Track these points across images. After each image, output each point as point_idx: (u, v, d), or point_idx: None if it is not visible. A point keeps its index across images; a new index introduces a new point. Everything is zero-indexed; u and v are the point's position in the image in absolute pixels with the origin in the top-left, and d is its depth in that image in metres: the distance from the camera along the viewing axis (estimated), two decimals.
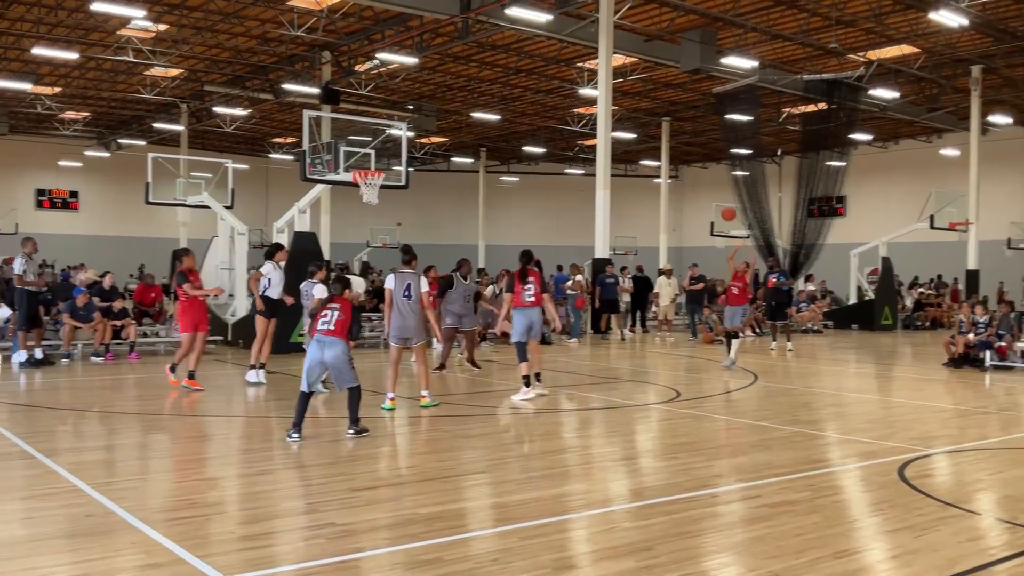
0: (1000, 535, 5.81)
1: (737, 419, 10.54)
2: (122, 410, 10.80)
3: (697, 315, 22.57)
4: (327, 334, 8.52)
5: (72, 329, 15.62)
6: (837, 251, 31.18)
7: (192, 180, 25.82)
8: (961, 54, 26.79)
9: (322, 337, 8.52)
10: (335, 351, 8.49)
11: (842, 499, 6.78)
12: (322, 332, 8.54)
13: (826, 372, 16.18)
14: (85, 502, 6.18)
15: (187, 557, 4.99)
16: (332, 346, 8.50)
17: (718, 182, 39.88)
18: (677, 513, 6.08)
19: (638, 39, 25.18)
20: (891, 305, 27.48)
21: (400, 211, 42.38)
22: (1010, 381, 14.38)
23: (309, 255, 17.43)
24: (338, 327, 8.56)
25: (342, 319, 8.60)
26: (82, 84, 32.43)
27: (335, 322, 8.55)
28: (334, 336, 8.53)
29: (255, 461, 7.88)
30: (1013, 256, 33.63)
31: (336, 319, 8.56)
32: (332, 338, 8.52)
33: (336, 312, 8.60)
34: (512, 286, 11.78)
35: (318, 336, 8.57)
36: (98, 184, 42.69)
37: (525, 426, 10.09)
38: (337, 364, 8.49)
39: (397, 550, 5.23)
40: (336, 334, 8.55)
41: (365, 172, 15.63)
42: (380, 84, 31.16)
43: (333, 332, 8.54)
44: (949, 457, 8.29)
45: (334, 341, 8.52)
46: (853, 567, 5.04)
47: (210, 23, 24.95)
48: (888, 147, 41.01)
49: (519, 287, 11.65)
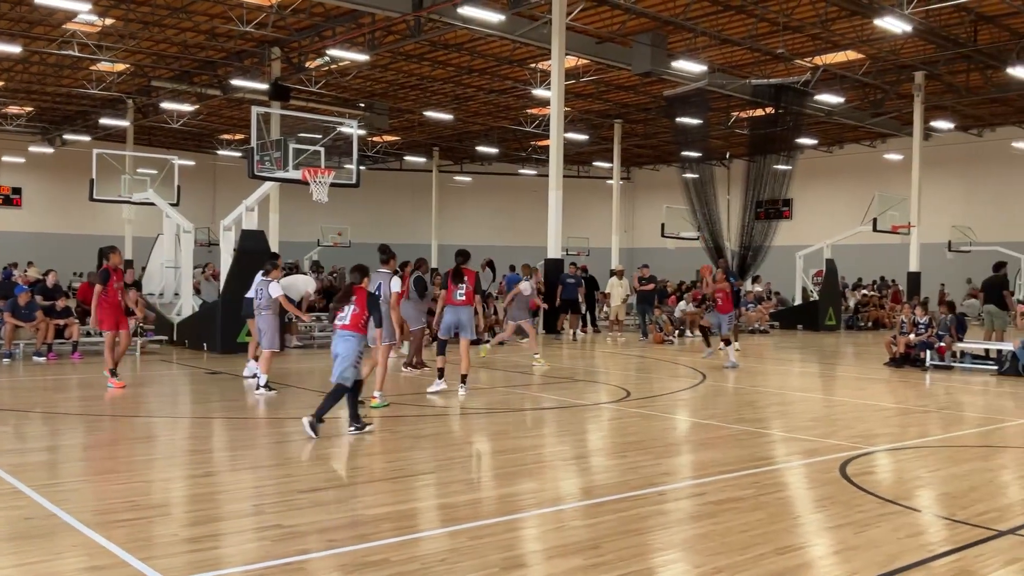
0: (939, 531, 5.96)
1: (685, 418, 10.66)
2: (64, 411, 10.59)
3: (648, 315, 22.76)
4: (343, 328, 8.69)
5: (13, 328, 15.25)
6: (783, 253, 31.69)
7: (138, 177, 25.39)
8: (905, 60, 27.37)
9: (340, 331, 8.70)
10: (348, 345, 8.62)
11: (786, 496, 6.90)
12: (339, 327, 8.73)
13: (771, 372, 16.43)
14: (25, 504, 6.05)
15: (130, 560, 4.92)
16: (346, 340, 8.65)
17: (669, 184, 40.27)
18: (625, 511, 6.13)
19: (590, 41, 25.32)
20: (835, 306, 28.00)
21: (352, 210, 42.12)
22: (949, 380, 14.73)
23: (257, 254, 17.28)
24: (353, 321, 8.72)
25: (357, 313, 8.74)
26: (25, 78, 31.69)
27: (350, 316, 8.73)
28: (349, 330, 8.69)
29: (200, 463, 7.78)
30: (954, 258, 34.47)
31: (351, 313, 8.73)
32: (347, 332, 8.69)
33: (351, 306, 8.76)
34: (446, 284, 11.98)
35: (338, 331, 8.74)
36: (42, 180, 41.77)
37: (475, 426, 10.10)
38: (346, 357, 8.58)
39: (344, 551, 5.20)
40: (352, 328, 8.69)
41: (315, 170, 15.50)
42: (331, 81, 30.92)
43: (348, 326, 8.70)
44: (890, 455, 8.47)
45: (348, 335, 8.67)
46: (796, 563, 5.13)
47: (157, 18, 24.54)
48: (833, 151, 41.78)
49: (451, 286, 11.75)
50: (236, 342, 16.47)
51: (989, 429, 10.12)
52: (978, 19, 23.83)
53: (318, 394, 10.55)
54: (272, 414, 10.37)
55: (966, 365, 16.25)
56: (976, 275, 28.89)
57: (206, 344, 16.84)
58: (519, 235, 45.94)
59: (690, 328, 23.41)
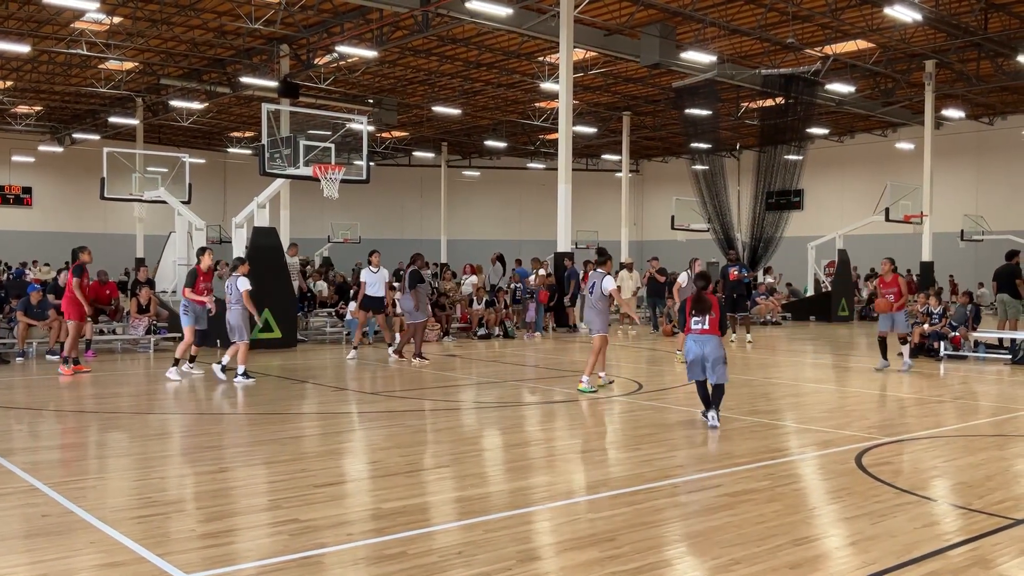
0: (955, 521, 5.94)
1: (698, 410, 10.63)
2: (79, 408, 10.64)
3: (659, 308, 22.70)
4: (701, 332, 9.27)
5: (26, 327, 15.33)
6: (795, 244, 31.59)
7: (148, 175, 25.44)
8: (915, 49, 27.21)
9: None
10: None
11: (801, 487, 6.88)
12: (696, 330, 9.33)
13: (784, 363, 16.38)
14: (42, 502, 6.08)
15: (147, 556, 4.94)
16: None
17: (678, 176, 40.21)
18: (640, 503, 6.13)
19: (598, 33, 25.25)
20: (848, 297, 27.90)
21: (361, 206, 42.23)
22: (964, 370, 14.67)
23: (269, 250, 17.34)
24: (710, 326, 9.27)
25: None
26: (35, 78, 31.80)
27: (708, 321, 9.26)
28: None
29: (215, 459, 7.80)
30: (966, 248, 34.29)
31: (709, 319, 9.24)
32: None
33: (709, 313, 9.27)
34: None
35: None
36: (52, 179, 41.96)
37: (489, 420, 10.10)
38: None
39: (360, 545, 5.22)
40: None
41: (325, 166, 15.54)
42: (340, 78, 30.95)
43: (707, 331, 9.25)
44: (905, 445, 8.44)
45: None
46: (812, 554, 5.12)
47: (165, 16, 24.60)
48: (844, 141, 41.60)
49: None
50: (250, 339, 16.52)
51: (1004, 418, 10.07)
52: (988, 7, 23.67)
53: (330, 389, 10.57)
54: (286, 409, 10.39)
55: (980, 354, 16.17)
56: (988, 264, 28.74)
57: (219, 340, 16.89)
58: (528, 229, 45.97)
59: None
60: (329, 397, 11.54)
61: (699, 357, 9.17)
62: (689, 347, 9.28)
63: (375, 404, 10.84)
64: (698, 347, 9.18)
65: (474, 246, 42.96)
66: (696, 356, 9.18)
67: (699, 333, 9.20)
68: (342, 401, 11.24)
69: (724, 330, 9.43)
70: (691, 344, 9.26)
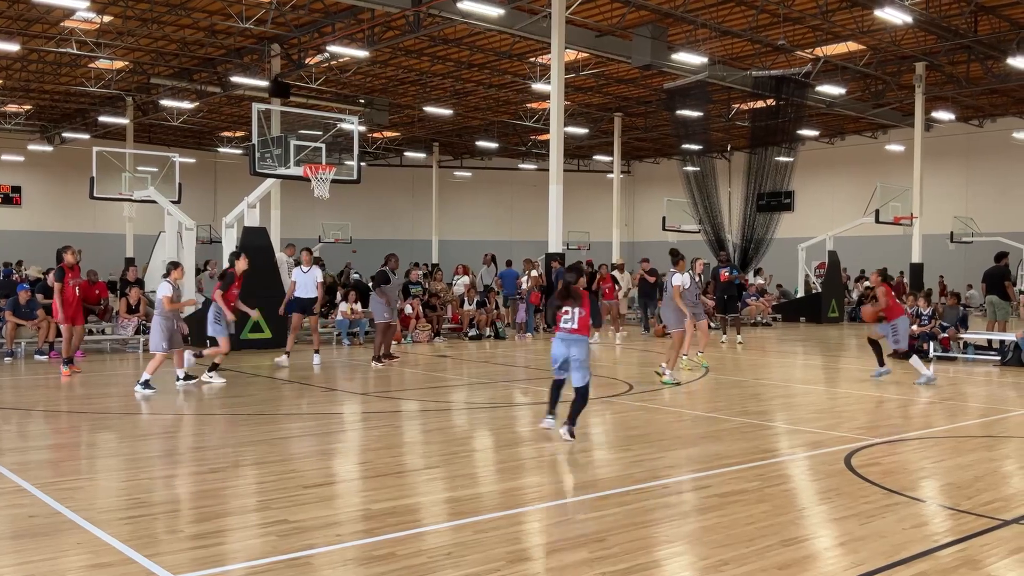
0: (944, 521, 5.95)
1: (688, 411, 10.65)
2: (67, 409, 10.59)
3: (650, 308, 22.72)
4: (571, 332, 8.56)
5: (15, 327, 15.27)
6: (785, 245, 31.66)
7: (138, 175, 25.37)
8: (905, 51, 27.30)
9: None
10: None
11: (791, 488, 6.89)
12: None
13: (775, 364, 16.41)
14: (30, 502, 6.05)
15: (135, 557, 4.92)
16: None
17: (669, 177, 40.26)
18: (630, 504, 6.13)
19: (590, 34, 25.26)
20: (838, 298, 27.96)
21: (352, 206, 42.14)
22: (953, 371, 14.72)
23: (260, 250, 17.29)
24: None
25: (583, 316, 8.57)
26: (24, 76, 31.63)
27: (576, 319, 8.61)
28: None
29: (204, 459, 7.78)
30: (956, 249, 34.43)
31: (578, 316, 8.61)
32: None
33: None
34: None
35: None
36: (41, 179, 41.75)
37: (479, 421, 10.09)
38: None
39: (349, 546, 5.21)
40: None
41: (316, 166, 15.51)
42: (331, 78, 30.88)
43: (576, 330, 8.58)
44: (894, 446, 8.46)
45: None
46: (802, 554, 5.12)
47: (156, 15, 24.50)
48: (834, 143, 41.71)
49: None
50: (239, 339, 16.48)
51: (993, 419, 10.11)
52: (978, 9, 23.77)
53: (320, 389, 10.54)
54: (276, 410, 10.37)
55: (969, 356, 16.23)
56: (978, 266, 28.85)
57: (208, 342, 16.82)
58: (519, 230, 45.95)
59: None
60: (319, 398, 11.52)
61: (565, 358, 8.52)
62: (555, 346, 8.58)
63: (365, 405, 10.82)
64: (564, 347, 8.51)
65: (466, 247, 42.90)
66: (562, 357, 8.52)
67: (568, 332, 8.51)
68: (332, 402, 11.22)
69: (598, 327, 9.17)
70: (557, 344, 8.56)
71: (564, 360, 8.54)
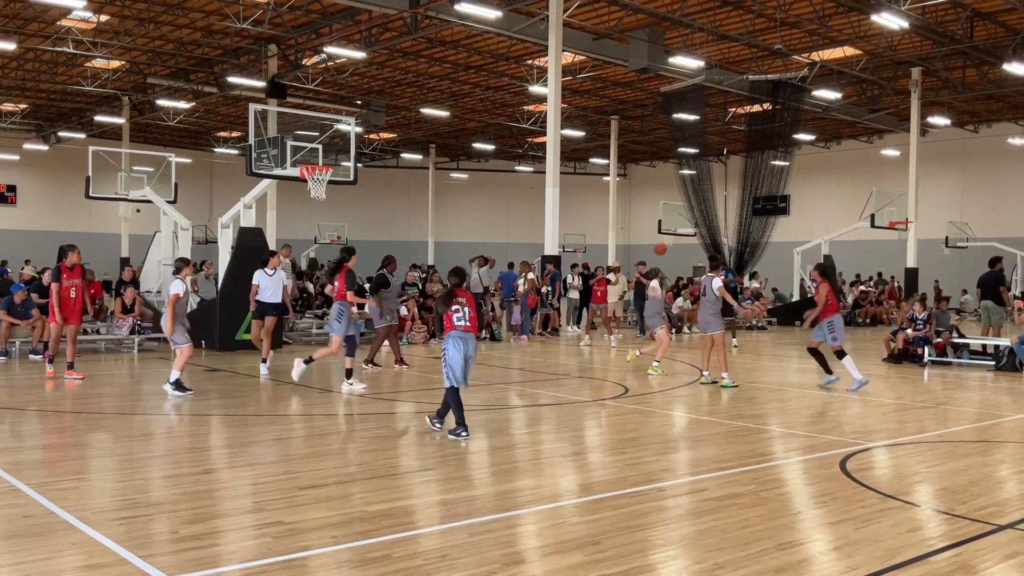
0: (938, 526, 5.96)
1: (683, 414, 10.66)
2: (62, 409, 10.56)
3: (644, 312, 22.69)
4: (466, 330, 8.54)
5: (9, 326, 15.22)
6: (781, 249, 31.71)
7: (134, 174, 25.35)
8: (902, 56, 27.38)
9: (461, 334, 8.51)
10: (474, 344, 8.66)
11: (786, 492, 6.89)
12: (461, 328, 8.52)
13: (770, 367, 16.43)
14: (24, 502, 6.03)
15: (130, 557, 4.90)
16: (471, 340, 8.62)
17: (666, 180, 40.29)
18: (625, 507, 6.13)
19: (587, 37, 25.30)
20: None
21: (348, 207, 42.13)
22: (948, 376, 14.75)
23: (255, 251, 17.26)
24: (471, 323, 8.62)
25: (472, 314, 8.66)
26: (20, 75, 31.61)
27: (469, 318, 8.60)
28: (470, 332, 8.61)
29: (199, 460, 7.76)
30: (951, 254, 34.52)
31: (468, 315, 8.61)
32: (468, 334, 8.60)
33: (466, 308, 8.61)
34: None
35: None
36: (36, 178, 41.71)
37: (474, 423, 10.08)
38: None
39: (344, 548, 5.19)
40: (471, 329, 8.62)
41: (312, 167, 15.50)
42: (328, 79, 30.89)
43: (469, 328, 8.59)
44: (889, 450, 8.47)
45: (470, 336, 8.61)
46: (797, 558, 5.13)
47: (153, 14, 24.50)
48: (830, 147, 41.80)
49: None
50: (234, 339, 16.48)
51: (987, 424, 10.13)
52: (974, 15, 23.86)
53: (316, 391, 10.52)
54: (271, 411, 10.35)
55: (963, 361, 16.26)
56: (973, 271, 28.93)
57: (204, 341, 16.82)
58: (515, 232, 45.96)
59: (687, 324, 23.42)
60: (314, 399, 11.50)
61: (466, 357, 8.44)
62: (452, 348, 8.38)
63: (361, 406, 10.80)
64: (463, 345, 8.40)
65: (462, 248, 42.90)
66: (464, 357, 8.40)
67: (463, 330, 8.43)
68: (327, 403, 11.20)
69: (481, 329, 9.13)
70: (456, 344, 8.38)
71: (465, 359, 8.43)
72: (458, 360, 8.37)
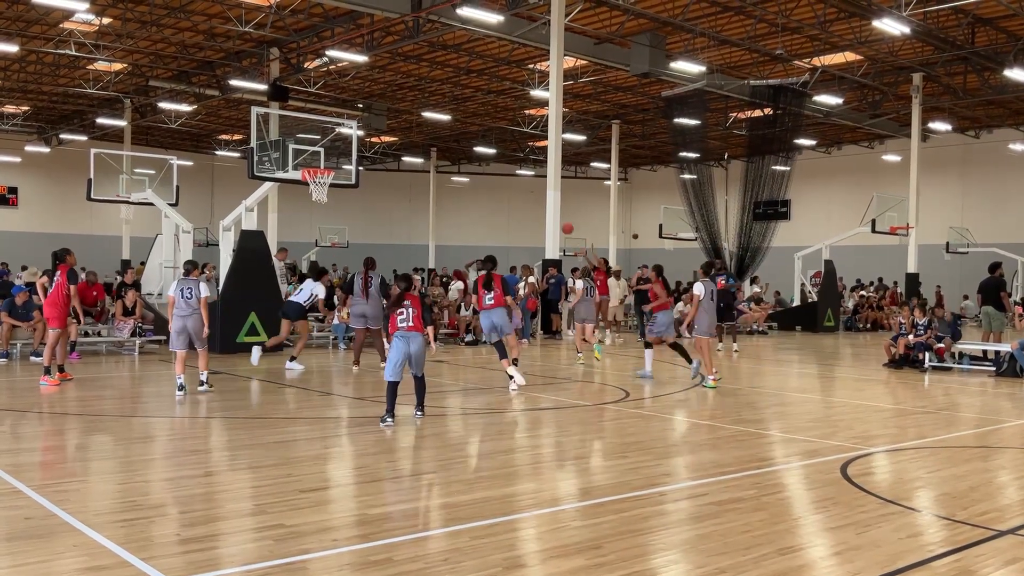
0: (939, 531, 5.96)
1: (684, 419, 10.66)
2: (63, 411, 10.57)
3: (646, 315, 22.71)
4: (409, 329, 9.27)
5: (10, 328, 15.23)
6: (782, 254, 31.70)
7: (136, 177, 25.35)
8: (903, 62, 27.40)
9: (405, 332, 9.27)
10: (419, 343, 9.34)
11: (787, 497, 6.89)
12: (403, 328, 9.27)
13: (770, 372, 16.43)
14: (25, 504, 6.04)
15: (131, 559, 4.91)
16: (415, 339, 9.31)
17: (667, 185, 40.30)
18: (626, 511, 6.13)
19: (588, 42, 25.33)
20: (834, 307, 28.01)
21: (350, 210, 42.15)
22: (948, 381, 14.74)
23: (257, 253, 17.29)
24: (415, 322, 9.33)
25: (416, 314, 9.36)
26: (22, 77, 31.62)
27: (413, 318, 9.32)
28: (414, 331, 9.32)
29: (200, 463, 7.77)
30: (951, 260, 34.51)
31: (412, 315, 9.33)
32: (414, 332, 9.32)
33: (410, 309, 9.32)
34: (476, 289, 12.95)
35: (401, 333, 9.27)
36: (38, 180, 41.71)
37: (475, 427, 10.09)
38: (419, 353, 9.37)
39: (346, 551, 5.20)
40: (416, 328, 9.33)
41: (314, 170, 15.51)
42: (330, 82, 30.91)
43: (413, 328, 9.30)
44: (890, 456, 8.47)
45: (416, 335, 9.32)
46: (798, 563, 5.13)
47: (155, 17, 24.51)
48: (831, 152, 41.82)
49: (482, 291, 12.71)
50: (236, 342, 16.49)
51: (988, 430, 10.13)
52: (975, 21, 23.87)
53: (316, 393, 10.52)
54: (272, 413, 10.35)
55: (964, 366, 16.26)
56: (973, 276, 28.94)
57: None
58: (516, 236, 45.95)
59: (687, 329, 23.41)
60: (315, 402, 11.51)
61: (406, 355, 9.26)
62: (397, 346, 9.25)
63: (361, 409, 10.81)
64: (405, 344, 9.23)
65: (463, 252, 42.89)
66: (403, 355, 9.24)
67: (407, 330, 9.27)
68: (328, 406, 11.21)
69: (427, 325, 9.52)
70: (399, 343, 9.23)
71: (406, 357, 9.23)
72: (397, 357, 9.22)
